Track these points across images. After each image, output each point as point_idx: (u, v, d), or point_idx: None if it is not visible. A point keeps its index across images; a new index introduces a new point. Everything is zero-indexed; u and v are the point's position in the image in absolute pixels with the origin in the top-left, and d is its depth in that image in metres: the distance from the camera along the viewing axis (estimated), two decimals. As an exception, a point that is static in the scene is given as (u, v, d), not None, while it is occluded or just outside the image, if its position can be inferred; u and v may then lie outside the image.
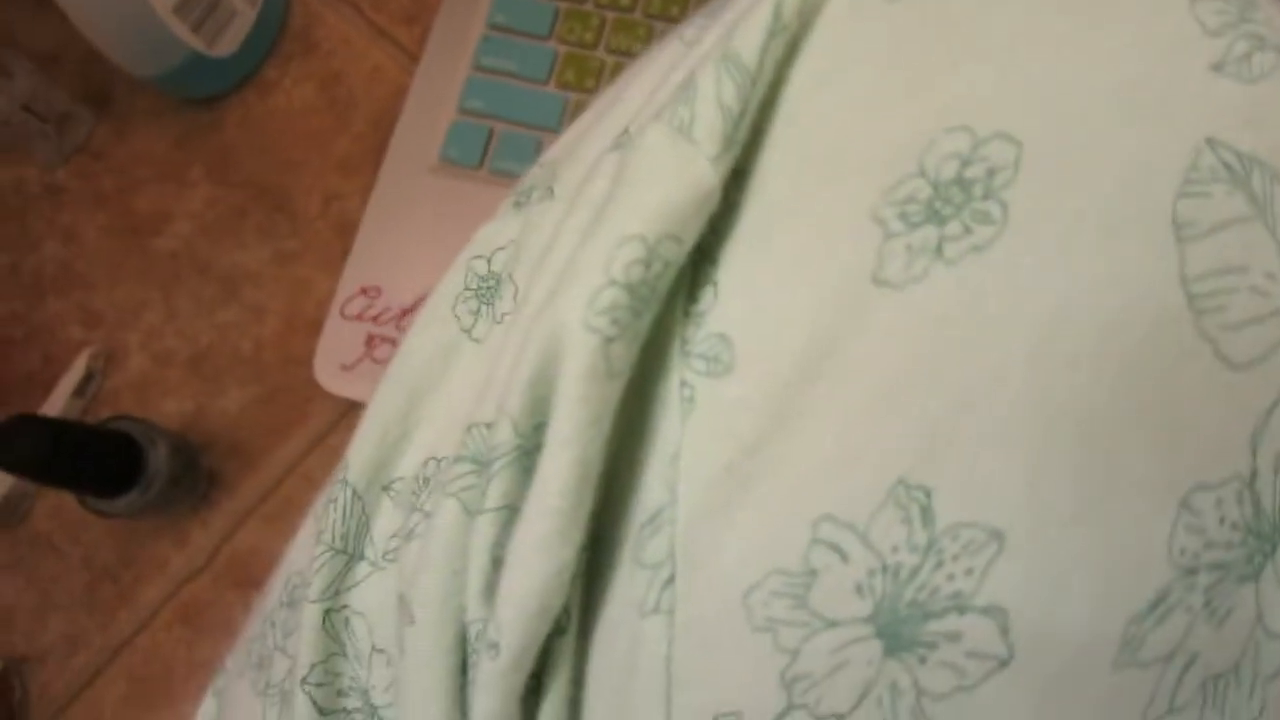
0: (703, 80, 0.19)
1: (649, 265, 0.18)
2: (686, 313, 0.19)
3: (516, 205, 0.24)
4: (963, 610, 0.16)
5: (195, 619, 0.47)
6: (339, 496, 0.24)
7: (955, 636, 0.16)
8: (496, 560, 0.19)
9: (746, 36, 0.19)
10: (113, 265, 0.50)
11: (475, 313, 0.23)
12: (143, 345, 0.49)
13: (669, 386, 0.19)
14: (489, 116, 0.49)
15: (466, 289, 0.24)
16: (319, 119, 0.52)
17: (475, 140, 0.49)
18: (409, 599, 0.21)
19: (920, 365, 0.17)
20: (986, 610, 0.16)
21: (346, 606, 0.23)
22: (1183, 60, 0.17)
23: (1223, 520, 0.16)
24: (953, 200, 0.17)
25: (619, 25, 0.50)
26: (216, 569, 0.47)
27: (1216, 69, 0.17)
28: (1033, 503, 0.16)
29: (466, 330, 0.23)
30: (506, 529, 0.19)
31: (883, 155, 0.18)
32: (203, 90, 0.51)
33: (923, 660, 0.16)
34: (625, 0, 0.50)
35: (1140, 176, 0.17)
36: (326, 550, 0.24)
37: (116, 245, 0.51)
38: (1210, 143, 0.17)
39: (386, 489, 0.24)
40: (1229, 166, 0.17)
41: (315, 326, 0.47)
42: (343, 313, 0.47)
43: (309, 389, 0.47)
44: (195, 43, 0.48)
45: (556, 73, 0.50)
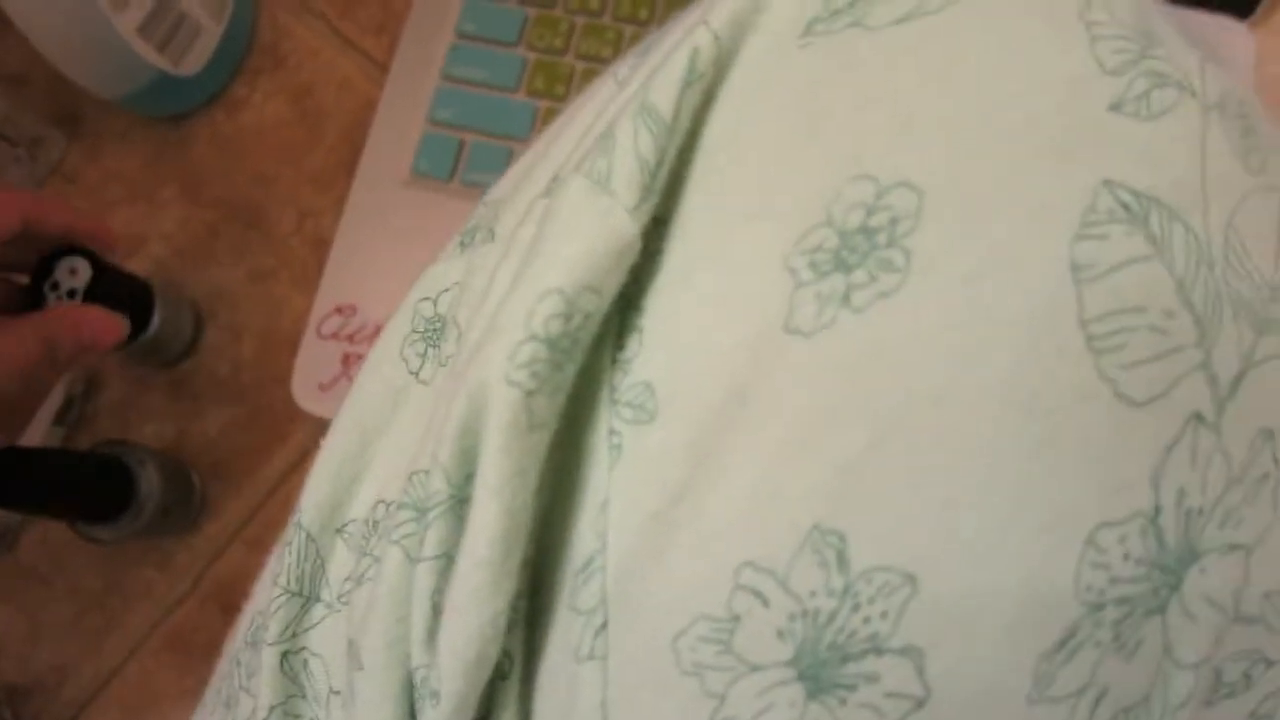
0: (620, 132, 0.19)
1: (569, 318, 0.18)
2: (614, 360, 0.19)
3: (461, 246, 0.24)
4: (880, 652, 0.17)
5: (182, 645, 0.47)
6: (294, 539, 0.24)
7: (874, 678, 0.17)
8: (436, 607, 0.19)
9: (662, 88, 0.19)
10: (89, 289, 0.51)
11: (422, 355, 0.24)
12: (121, 368, 0.49)
13: (599, 434, 0.19)
14: (459, 127, 0.49)
15: (414, 331, 0.24)
16: (290, 133, 0.52)
17: (446, 152, 0.49)
18: (358, 645, 0.21)
19: (830, 411, 0.17)
20: (903, 651, 0.17)
21: (305, 649, 0.24)
22: (1081, 101, 0.17)
23: (1127, 556, 0.16)
24: (858, 249, 0.17)
25: (588, 30, 0.50)
26: (202, 593, 0.47)
27: (1115, 108, 0.17)
28: (941, 545, 0.16)
29: (414, 373, 0.24)
30: (445, 576, 0.19)
31: (794, 204, 0.18)
32: (171, 109, 0.51)
33: (843, 702, 0.17)
34: (594, 5, 0.50)
35: (1039, 220, 0.17)
36: (283, 593, 0.24)
37: (92, 268, 0.51)
38: (1108, 184, 0.17)
39: (339, 531, 0.24)
40: (1127, 206, 0.17)
41: (292, 345, 0.47)
42: (319, 332, 0.47)
43: (288, 409, 0.47)
44: (161, 62, 0.48)
45: (526, 80, 0.50)
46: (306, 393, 0.46)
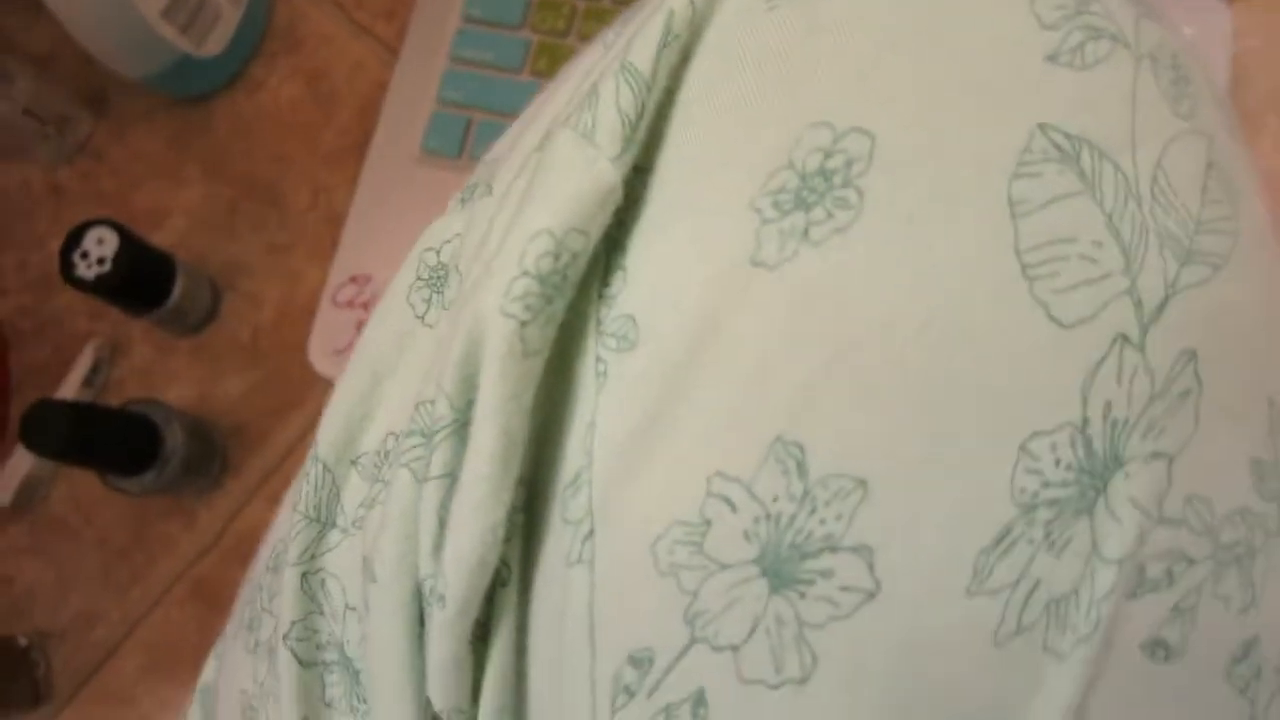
0: (604, 88, 0.21)
1: (558, 256, 0.20)
2: (601, 296, 0.21)
3: (461, 201, 0.26)
4: (835, 550, 0.18)
5: (205, 595, 0.50)
6: (311, 470, 0.26)
7: (829, 573, 0.18)
8: (442, 521, 0.21)
9: (641, 48, 0.21)
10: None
11: (427, 300, 0.26)
12: (146, 335, 0.52)
13: (587, 362, 0.21)
14: (467, 107, 0.51)
15: (419, 279, 0.26)
16: (305, 115, 0.54)
17: (454, 130, 0.51)
18: (371, 560, 0.23)
19: (792, 336, 0.19)
20: (855, 549, 0.18)
21: (322, 570, 0.26)
22: (1020, 54, 0.19)
23: (1058, 462, 0.18)
24: (817, 189, 0.19)
25: (589, 13, 0.52)
26: (224, 547, 0.50)
27: (1051, 59, 0.19)
28: (890, 454, 0.18)
29: (420, 316, 0.26)
30: (449, 493, 0.21)
31: (760, 151, 0.20)
32: (193, 89, 0.54)
33: (802, 595, 0.19)
34: (596, -12, 0.52)
35: (979, 161, 0.19)
36: (302, 519, 0.26)
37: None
38: (1042, 127, 0.19)
39: (354, 463, 0.26)
40: (1059, 147, 0.19)
41: (309, 314, 0.50)
42: (334, 300, 0.50)
43: (305, 373, 0.49)
44: (183, 44, 0.50)
45: (530, 62, 0.52)
46: (322, 358, 0.48)
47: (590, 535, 0.20)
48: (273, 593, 0.27)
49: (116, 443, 0.44)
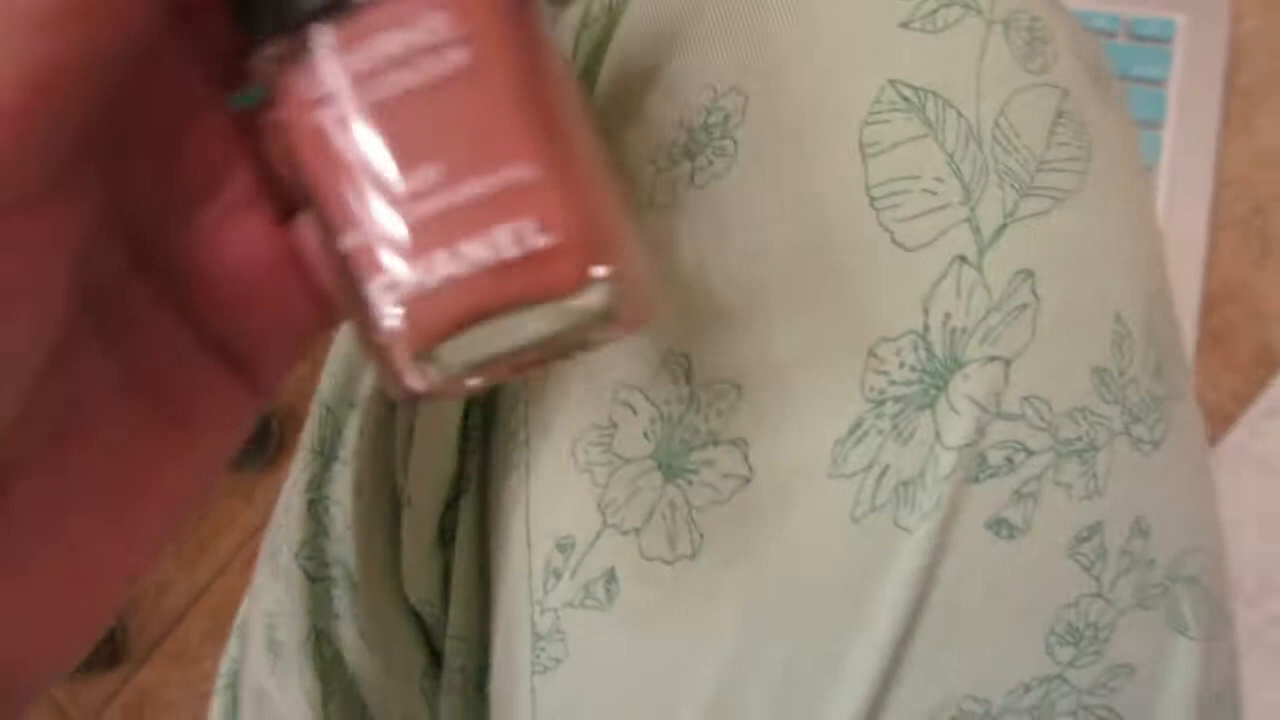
0: None
1: None
2: None
3: None
4: (716, 443, 0.22)
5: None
6: (316, 412, 0.30)
7: (711, 463, 0.22)
8: (411, 434, 0.25)
9: (563, 33, 0.25)
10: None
11: None
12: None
13: None
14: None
15: None
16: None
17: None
18: (360, 479, 0.27)
19: (681, 262, 0.22)
20: (733, 442, 0.22)
21: (327, 497, 0.30)
22: (876, 20, 0.22)
23: (902, 364, 0.21)
24: (700, 141, 0.23)
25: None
26: (279, 520, 0.55)
27: (904, 25, 0.22)
28: (759, 360, 0.22)
29: None
30: (415, 411, 0.25)
31: (659, 113, 0.24)
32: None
33: (690, 483, 0.22)
34: None
35: (836, 112, 0.22)
36: (309, 454, 0.30)
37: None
38: (892, 82, 0.22)
39: (352, 404, 0.30)
40: (906, 99, 0.22)
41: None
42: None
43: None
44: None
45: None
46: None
47: (526, 443, 0.24)
48: (287, 523, 0.31)
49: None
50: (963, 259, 0.22)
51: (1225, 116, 0.60)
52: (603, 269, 0.14)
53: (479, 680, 0.27)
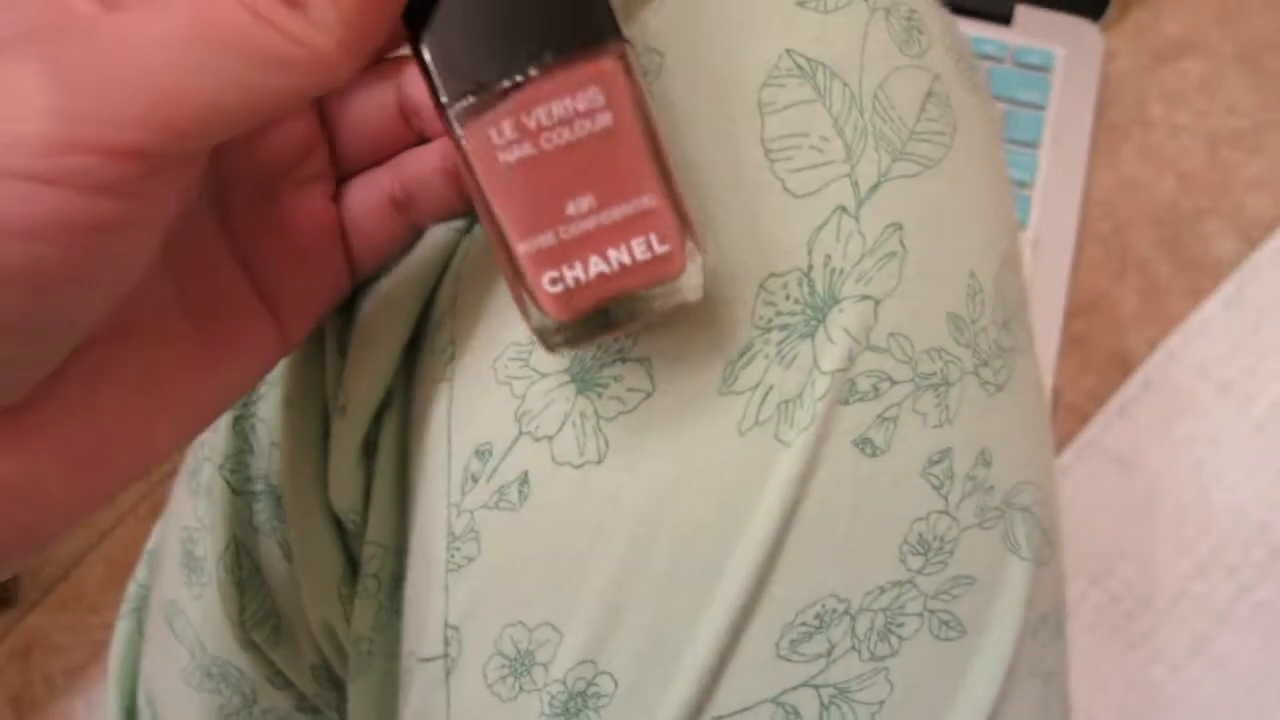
0: None
1: None
2: None
3: None
4: (624, 360, 0.25)
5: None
6: None
7: (619, 378, 0.25)
8: (343, 349, 0.28)
9: None
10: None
11: None
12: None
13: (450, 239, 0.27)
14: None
15: None
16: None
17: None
18: (288, 392, 0.29)
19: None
20: (639, 360, 0.25)
21: (253, 415, 0.32)
22: (777, 1, 0.26)
23: (788, 297, 0.24)
24: None
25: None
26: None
27: (801, 5, 0.26)
28: None
29: None
30: (346, 329, 0.28)
31: None
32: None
33: (600, 395, 0.25)
34: None
35: (739, 75, 0.25)
36: (237, 374, 0.32)
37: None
38: (789, 51, 0.25)
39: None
40: (800, 67, 0.25)
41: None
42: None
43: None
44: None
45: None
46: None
47: (452, 359, 0.27)
48: (211, 441, 0.33)
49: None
50: (843, 209, 0.25)
51: (1094, 144, 0.66)
52: (694, 260, 0.21)
53: (392, 587, 0.29)
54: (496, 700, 0.26)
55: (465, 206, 0.26)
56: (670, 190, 0.21)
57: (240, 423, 0.32)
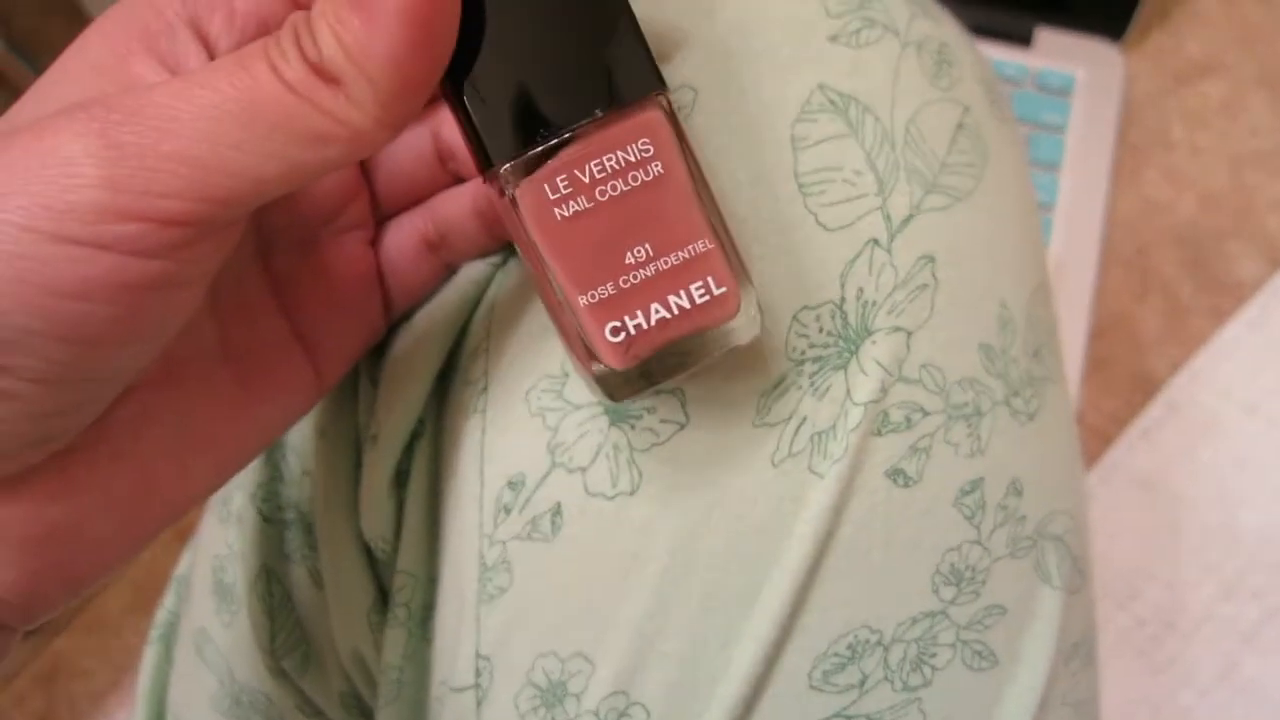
0: None
1: None
2: None
3: None
4: (657, 392, 0.25)
5: (190, 540, 0.56)
6: None
7: (652, 409, 0.25)
8: (375, 379, 0.28)
9: None
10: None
11: None
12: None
13: (484, 266, 0.28)
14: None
15: None
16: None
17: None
18: (320, 421, 0.30)
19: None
20: (672, 392, 0.25)
21: (284, 444, 0.32)
22: (809, 33, 0.26)
23: (821, 330, 0.25)
24: None
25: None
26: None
27: (833, 40, 0.26)
28: None
29: None
30: (378, 361, 0.28)
31: None
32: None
33: (633, 426, 0.25)
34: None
35: (772, 109, 0.25)
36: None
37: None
38: (821, 87, 0.25)
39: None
40: (833, 102, 0.25)
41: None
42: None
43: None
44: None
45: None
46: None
47: (484, 391, 0.27)
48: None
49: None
50: (875, 242, 0.25)
51: (1116, 166, 0.66)
52: (748, 301, 0.21)
53: (423, 616, 0.29)
54: None
55: (496, 245, 0.26)
56: (721, 232, 0.21)
57: (272, 452, 0.32)
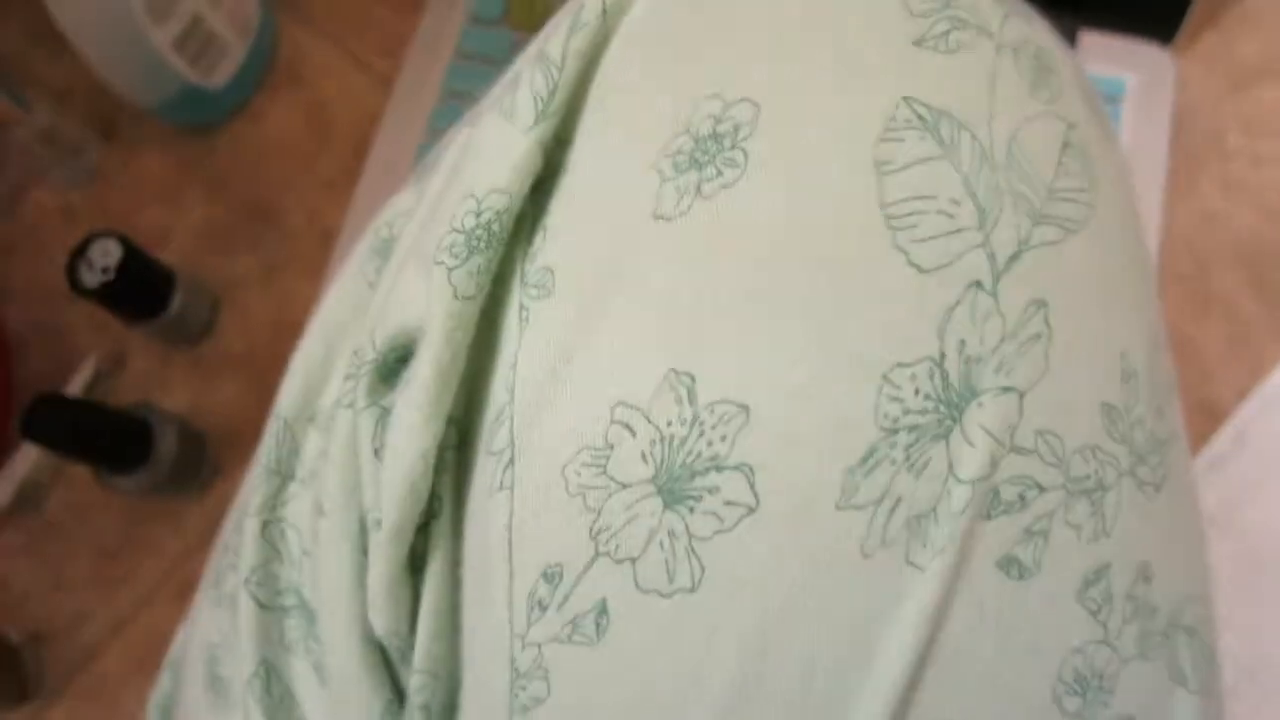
0: (523, 76, 0.24)
1: (479, 214, 0.23)
2: (526, 254, 0.24)
3: (415, 180, 0.29)
4: (720, 469, 0.21)
5: (189, 597, 0.52)
6: (273, 427, 0.29)
7: (715, 490, 0.21)
8: (379, 453, 0.24)
9: (552, 39, 0.24)
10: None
11: (378, 269, 0.28)
12: (145, 349, 0.54)
13: (512, 311, 0.24)
14: (454, 136, 0.55)
15: (371, 250, 0.29)
16: (304, 143, 0.57)
17: (442, 158, 0.54)
18: (320, 498, 0.26)
19: (686, 277, 0.21)
20: (738, 467, 0.21)
21: (282, 520, 0.28)
22: (889, 36, 0.22)
23: (917, 391, 0.20)
24: (709, 151, 0.22)
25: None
26: (210, 550, 0.52)
27: (918, 44, 0.22)
28: (767, 381, 0.21)
29: (371, 284, 0.28)
30: (384, 425, 0.24)
31: (660, 120, 0.23)
32: (200, 119, 0.57)
33: (692, 510, 0.21)
34: (579, 30, 0.56)
35: (849, 127, 0.21)
36: (264, 471, 0.28)
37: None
38: (907, 99, 0.21)
39: (311, 420, 0.28)
40: (921, 117, 0.21)
41: (301, 328, 0.52)
42: (322, 314, 0.52)
43: (292, 383, 0.52)
44: (192, 75, 0.54)
45: (516, 96, 0.55)
46: (309, 367, 0.51)
47: (511, 464, 0.23)
48: (237, 550, 0.29)
49: (113, 438, 0.47)
50: (978, 285, 0.21)
51: (1170, 176, 0.61)
52: None
53: (445, 719, 0.25)
54: None
55: None
56: None
57: (269, 529, 0.28)
